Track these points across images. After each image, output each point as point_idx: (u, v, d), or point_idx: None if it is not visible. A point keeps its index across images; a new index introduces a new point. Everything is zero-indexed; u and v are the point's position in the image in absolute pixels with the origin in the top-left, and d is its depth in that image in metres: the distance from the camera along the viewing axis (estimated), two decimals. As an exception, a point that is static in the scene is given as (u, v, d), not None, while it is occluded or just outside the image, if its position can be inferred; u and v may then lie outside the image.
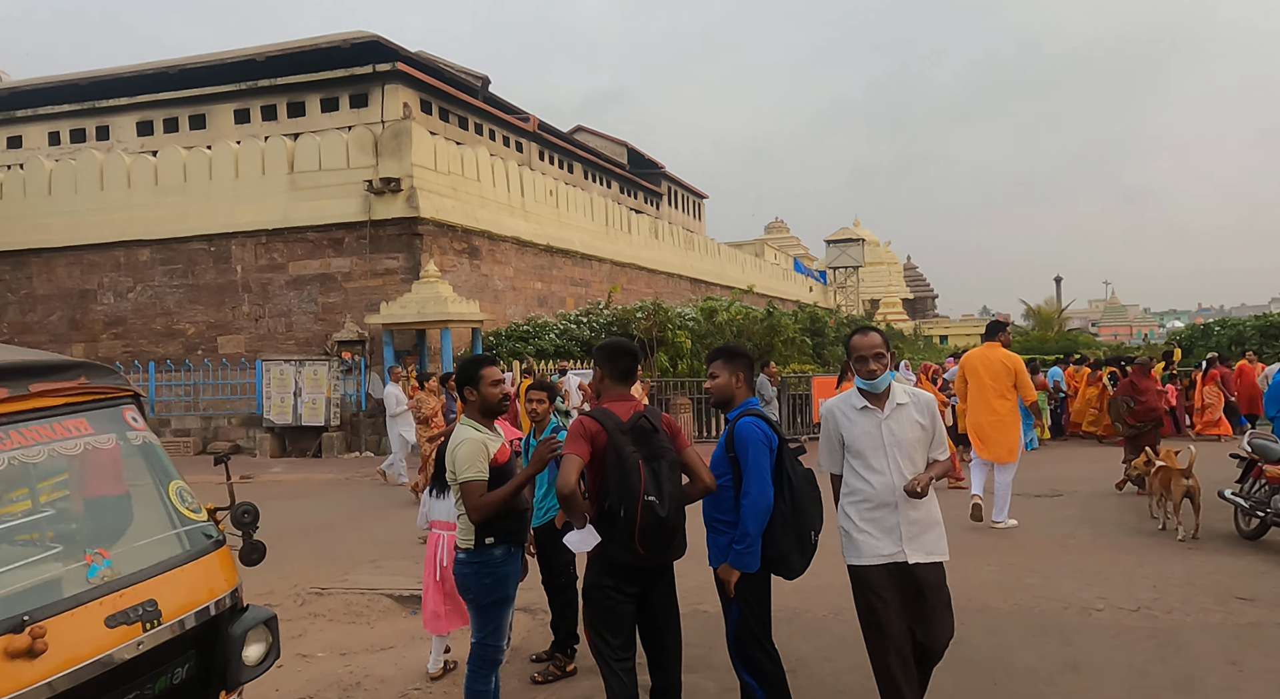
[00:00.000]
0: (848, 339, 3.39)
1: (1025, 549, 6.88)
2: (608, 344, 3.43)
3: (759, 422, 3.32)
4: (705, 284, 32.39)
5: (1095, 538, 7.21)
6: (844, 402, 3.39)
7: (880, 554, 3.23)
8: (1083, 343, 42.39)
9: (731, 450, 3.32)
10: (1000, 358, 7.55)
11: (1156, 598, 5.50)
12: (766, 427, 3.32)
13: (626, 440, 3.11)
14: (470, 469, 3.30)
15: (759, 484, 3.23)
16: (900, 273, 74.12)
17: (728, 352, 3.50)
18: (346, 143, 16.88)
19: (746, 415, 3.35)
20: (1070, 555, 6.63)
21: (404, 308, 15.09)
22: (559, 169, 32.93)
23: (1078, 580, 5.90)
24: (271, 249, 17.17)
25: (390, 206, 16.47)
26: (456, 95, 25.92)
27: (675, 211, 45.38)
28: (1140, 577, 5.97)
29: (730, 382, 3.45)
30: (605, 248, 25.12)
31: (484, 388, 3.49)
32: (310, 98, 23.60)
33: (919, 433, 3.29)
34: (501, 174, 20.20)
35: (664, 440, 3.21)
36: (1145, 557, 6.51)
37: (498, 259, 19.56)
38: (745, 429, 3.29)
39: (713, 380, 3.48)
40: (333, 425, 14.66)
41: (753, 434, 3.27)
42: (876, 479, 3.25)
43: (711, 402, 3.56)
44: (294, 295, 17.10)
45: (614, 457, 3.09)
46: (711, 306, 21.27)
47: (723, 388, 3.46)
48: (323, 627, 5.45)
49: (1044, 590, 5.69)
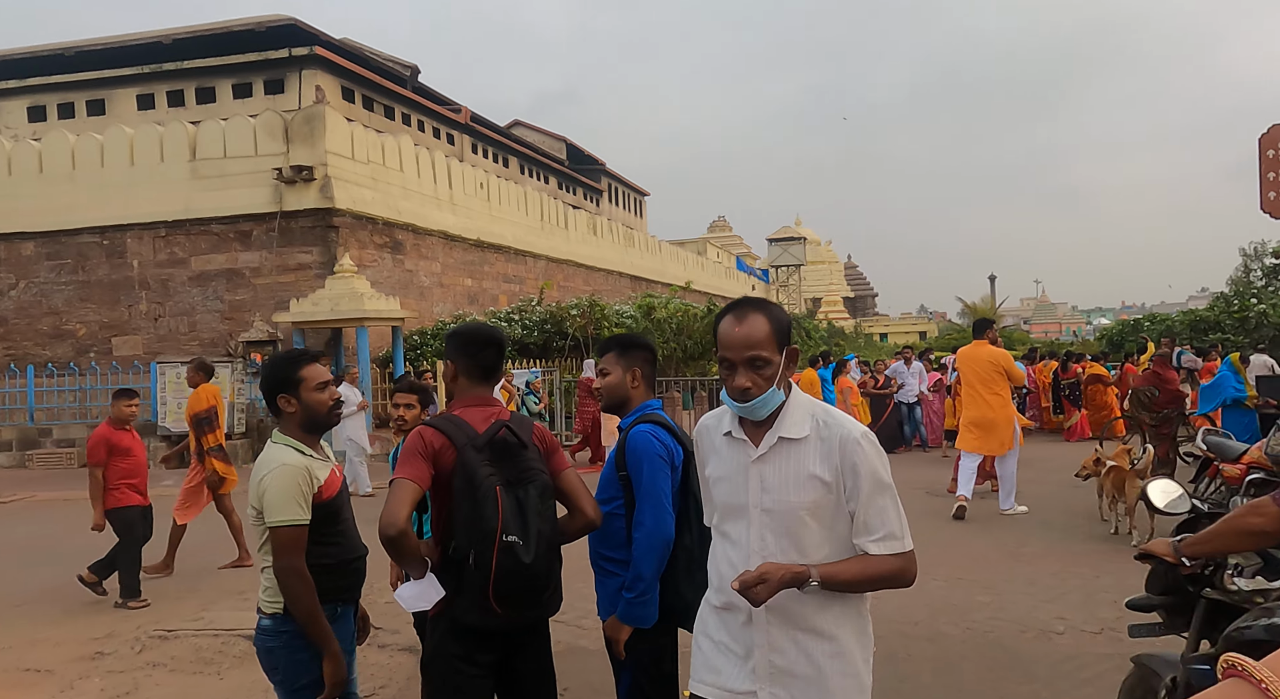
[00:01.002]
0: (717, 320, 1.98)
1: (975, 560, 6.33)
2: (463, 330, 2.65)
3: (657, 430, 2.59)
4: (646, 282, 31.71)
5: (1048, 546, 6.71)
6: (716, 419, 2.05)
7: (721, 687, 1.93)
8: (1017, 339, 43.08)
9: (623, 468, 2.58)
10: (987, 354, 7.70)
11: (1119, 617, 4.94)
12: (668, 436, 2.60)
13: (481, 460, 2.35)
14: (284, 510, 2.47)
15: (655, 512, 2.50)
16: (841, 272, 74.79)
17: (622, 342, 2.77)
18: (254, 128, 15.68)
19: (643, 422, 2.61)
20: (1023, 566, 6.10)
21: (316, 305, 14.01)
22: (494, 163, 31.89)
23: (1033, 597, 5.34)
24: (172, 242, 15.86)
25: (302, 197, 15.34)
26: (382, 83, 24.72)
27: (616, 208, 44.68)
28: (1099, 591, 5.45)
29: (624, 379, 2.71)
30: (540, 244, 24.24)
31: (306, 394, 2.66)
32: (221, 83, 22.15)
33: (814, 494, 1.85)
34: (427, 165, 19.17)
35: (534, 459, 2.45)
36: (1102, 566, 6.01)
37: (424, 254, 18.53)
38: (638, 440, 2.56)
39: (603, 378, 2.74)
40: (237, 433, 13.50)
41: (647, 447, 2.54)
42: (731, 556, 1.95)
43: (602, 404, 2.82)
44: (197, 292, 15.83)
45: (463, 482, 2.33)
46: (649, 303, 20.59)
47: (615, 387, 2.72)
48: (161, 679, 4.53)
49: (998, 610, 5.11)
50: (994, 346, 7.88)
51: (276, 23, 22.37)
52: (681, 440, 2.66)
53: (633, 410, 2.71)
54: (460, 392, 2.58)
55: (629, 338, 2.79)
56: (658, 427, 2.61)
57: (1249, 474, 6.00)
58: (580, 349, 18.28)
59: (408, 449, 2.37)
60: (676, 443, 2.62)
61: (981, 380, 7.66)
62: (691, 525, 2.57)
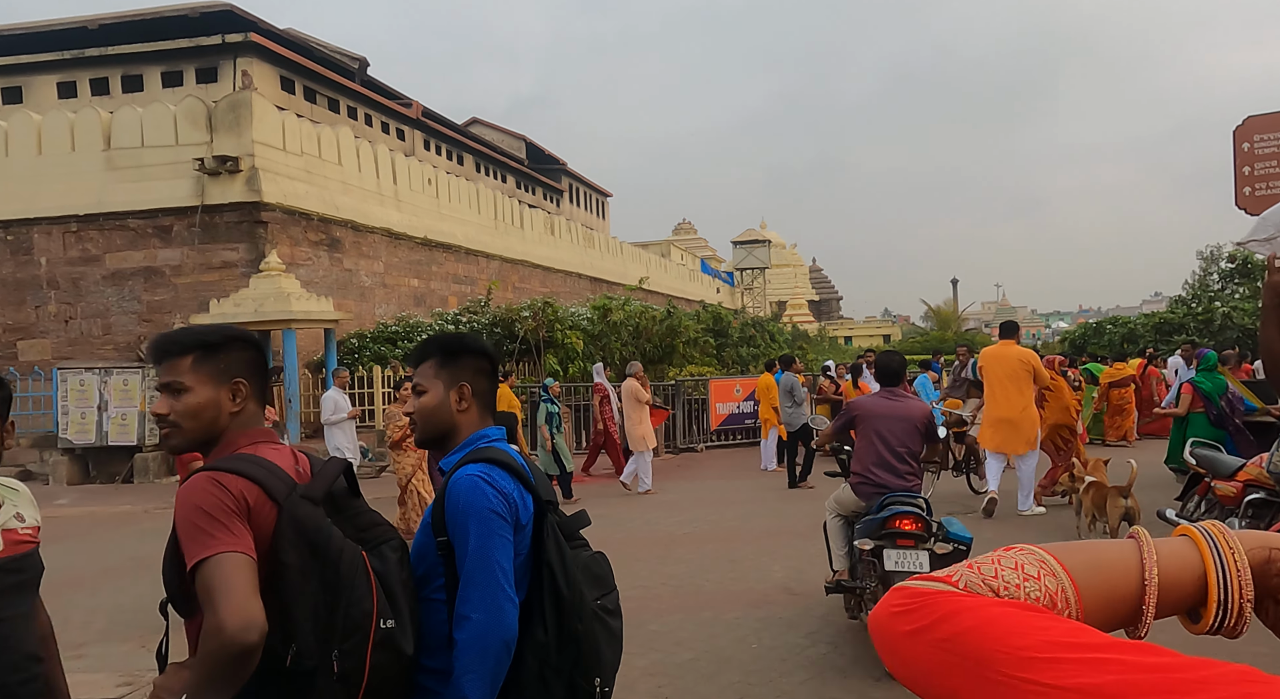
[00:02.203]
0: None
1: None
2: (247, 336, 1.82)
3: (494, 473, 1.77)
4: (607, 283, 30.86)
5: (1023, 571, 6.00)
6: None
7: None
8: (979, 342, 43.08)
9: (442, 531, 1.75)
10: (1016, 354, 7.83)
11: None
12: (509, 481, 1.78)
13: (319, 516, 1.60)
14: None
15: (487, 599, 1.68)
16: (806, 275, 74.66)
17: (445, 347, 1.93)
18: (174, 116, 14.58)
19: (472, 462, 1.79)
20: (997, 599, 5.37)
21: (239, 306, 12.96)
22: (448, 160, 30.83)
23: (1012, 640, 4.61)
24: (84, 238, 14.67)
25: (227, 189, 14.27)
26: (325, 75, 23.58)
27: (577, 209, 43.80)
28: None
29: (447, 399, 1.88)
30: (494, 243, 23.30)
31: None
32: (149, 71, 20.85)
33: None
34: (369, 158, 18.15)
35: (368, 508, 1.77)
36: (1085, 597, 5.31)
37: (364, 252, 17.51)
38: (463, 491, 1.74)
39: (417, 398, 1.91)
40: (149, 445, 12.39)
41: (475, 499, 1.72)
42: None
43: (416, 437, 1.97)
44: (112, 292, 14.65)
45: (305, 551, 1.56)
46: (606, 305, 19.76)
47: (433, 412, 1.88)
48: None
49: (972, 659, 4.36)
50: (1021, 347, 8.10)
51: (212, 9, 21.16)
52: (534, 485, 1.84)
53: (460, 444, 1.88)
54: (246, 422, 1.74)
55: (454, 340, 1.95)
56: (495, 467, 1.78)
57: (1246, 493, 5.35)
58: (532, 353, 17.41)
59: (207, 508, 1.52)
60: (524, 490, 1.81)
61: (1009, 379, 7.73)
62: (546, 614, 1.76)
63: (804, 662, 4.41)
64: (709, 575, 6.22)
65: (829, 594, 4.88)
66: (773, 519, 8.26)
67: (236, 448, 1.69)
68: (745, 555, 6.76)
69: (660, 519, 8.54)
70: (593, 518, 2.07)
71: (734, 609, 5.36)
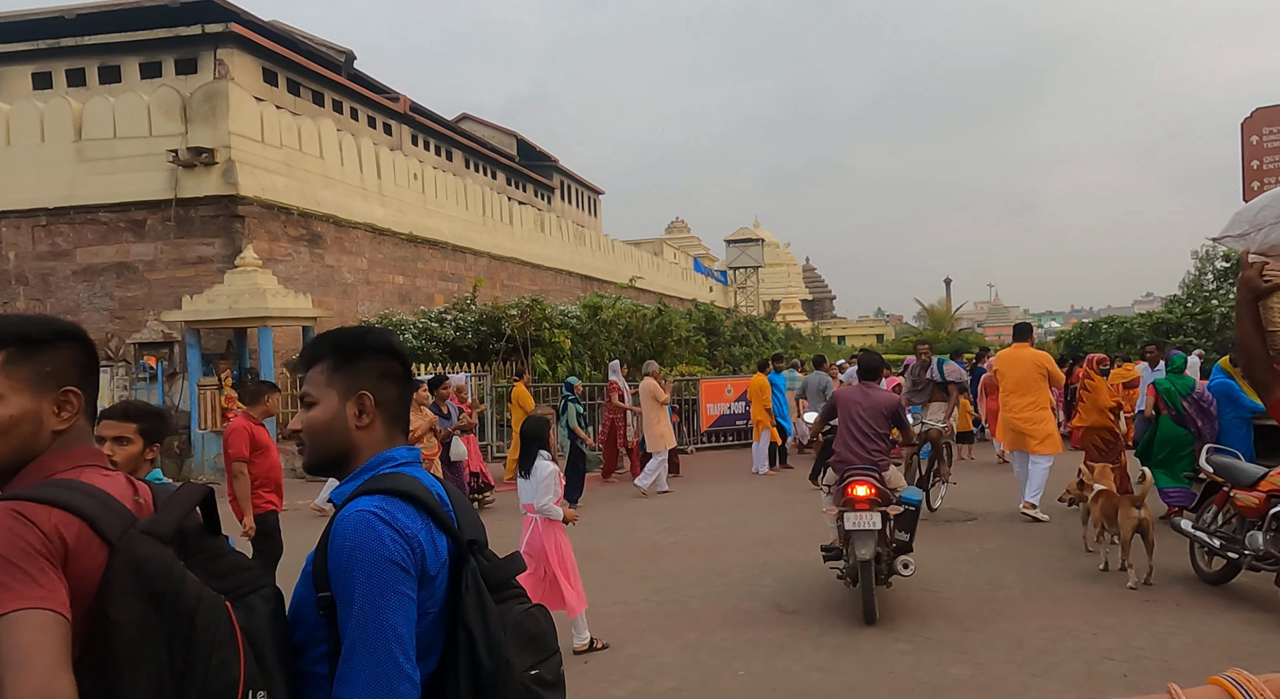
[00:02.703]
0: None
1: (942, 608, 5.22)
2: (76, 332, 1.43)
3: (394, 508, 1.37)
4: (598, 281, 30.42)
5: (1027, 588, 5.63)
6: None
7: None
8: (973, 341, 42.85)
9: (325, 586, 1.35)
10: (1030, 356, 7.87)
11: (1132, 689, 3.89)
12: (414, 519, 1.38)
13: (167, 558, 1.23)
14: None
15: (374, 676, 1.28)
16: (800, 274, 74.36)
17: (339, 346, 1.52)
18: (148, 106, 14.10)
19: (368, 493, 1.39)
20: (1002, 618, 5.00)
21: (212, 302, 12.50)
22: (436, 156, 30.35)
23: (1021, 666, 4.23)
24: (54, 232, 14.18)
25: (202, 182, 13.80)
26: (310, 67, 23.09)
27: (569, 206, 43.35)
28: (1101, 655, 4.36)
29: (342, 413, 1.48)
30: (482, 240, 22.85)
31: None
32: (127, 62, 20.32)
33: None
34: (352, 152, 17.69)
35: (231, 549, 1.40)
36: (1096, 617, 4.94)
37: (347, 248, 17.06)
38: (351, 532, 1.33)
39: (307, 410, 1.50)
40: (117, 447, 11.92)
41: (366, 545, 1.32)
42: None
43: (305, 461, 1.57)
44: (83, 289, 14.18)
45: (141, 606, 1.18)
46: (596, 303, 19.35)
47: (324, 427, 1.48)
48: None
49: (979, 687, 3.98)
50: (1035, 349, 8.03)
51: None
52: (450, 522, 1.44)
53: (359, 468, 1.48)
54: (72, 439, 1.34)
55: (352, 338, 1.54)
56: (396, 501, 1.38)
57: (1271, 505, 4.99)
58: (519, 351, 16.99)
59: (1, 550, 1.12)
60: (435, 530, 1.41)
61: (1025, 382, 7.76)
62: (462, 691, 1.36)
63: (796, 691, 4.02)
64: (694, 590, 5.83)
65: (826, 562, 5.54)
66: (764, 527, 7.87)
67: (52, 473, 1.29)
68: (734, 567, 6.38)
69: (645, 526, 8.14)
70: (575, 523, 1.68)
71: (720, 629, 4.97)
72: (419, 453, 1.54)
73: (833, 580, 5.82)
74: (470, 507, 1.58)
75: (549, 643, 1.51)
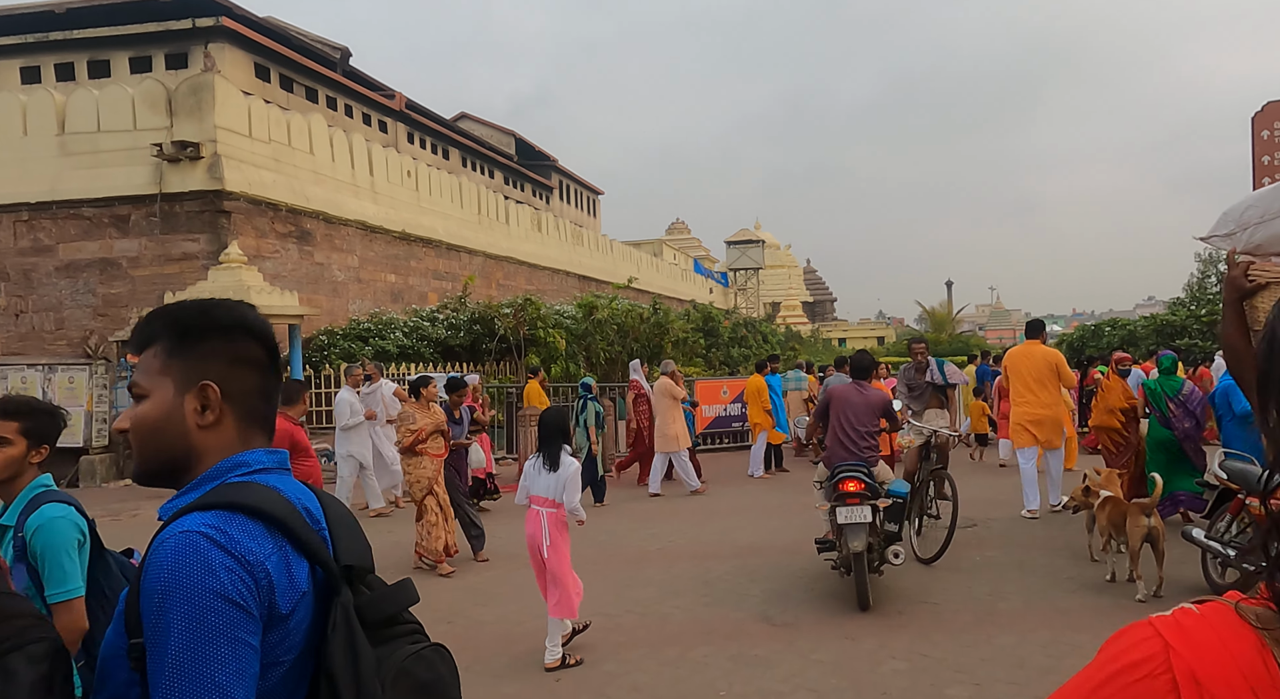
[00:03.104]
0: None
1: (940, 622, 4.92)
2: None
3: (232, 525, 1.06)
4: (596, 282, 30.13)
5: (1028, 600, 5.33)
6: None
7: None
8: (974, 344, 42.58)
9: (138, 631, 1.04)
10: (1042, 353, 7.82)
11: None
12: (266, 540, 1.08)
13: None
14: None
15: None
16: (800, 276, 74.07)
17: (177, 324, 1.20)
18: (132, 99, 13.83)
19: (202, 509, 1.08)
20: (1003, 634, 4.69)
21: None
22: (432, 154, 30.07)
23: (1025, 688, 3.93)
24: (36, 227, 13.90)
25: (187, 177, 13.53)
26: (303, 63, 22.82)
27: (567, 206, 43.07)
28: (1110, 673, 4.04)
29: (180, 408, 1.17)
30: (477, 239, 22.56)
31: None
32: (116, 56, 20.05)
33: None
34: (344, 148, 17.41)
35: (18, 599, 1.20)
36: (1103, 633, 4.47)
37: (337, 246, 16.77)
38: (168, 560, 1.02)
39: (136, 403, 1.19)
40: (96, 446, 11.63)
41: (187, 575, 1.01)
42: None
43: (134, 469, 1.26)
44: (66, 285, 13.89)
45: None
46: (591, 303, 19.05)
47: (155, 426, 1.17)
48: None
49: (980, 713, 3.68)
50: (1046, 347, 8.01)
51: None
52: (317, 546, 1.14)
53: (199, 477, 1.18)
54: None
55: (195, 313, 1.22)
56: (238, 517, 1.07)
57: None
58: (512, 352, 16.70)
59: None
60: (292, 554, 1.10)
61: (1036, 379, 7.73)
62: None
63: (780, 715, 3.72)
64: (679, 600, 5.52)
65: (820, 554, 5.68)
66: (756, 533, 7.56)
67: None
68: (722, 575, 6.07)
69: (632, 531, 7.84)
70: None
71: (703, 643, 4.66)
72: (285, 457, 1.24)
73: (826, 590, 5.59)
74: (353, 523, 1.28)
75: (448, 693, 1.21)
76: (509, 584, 6.11)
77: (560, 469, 4.53)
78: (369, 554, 1.26)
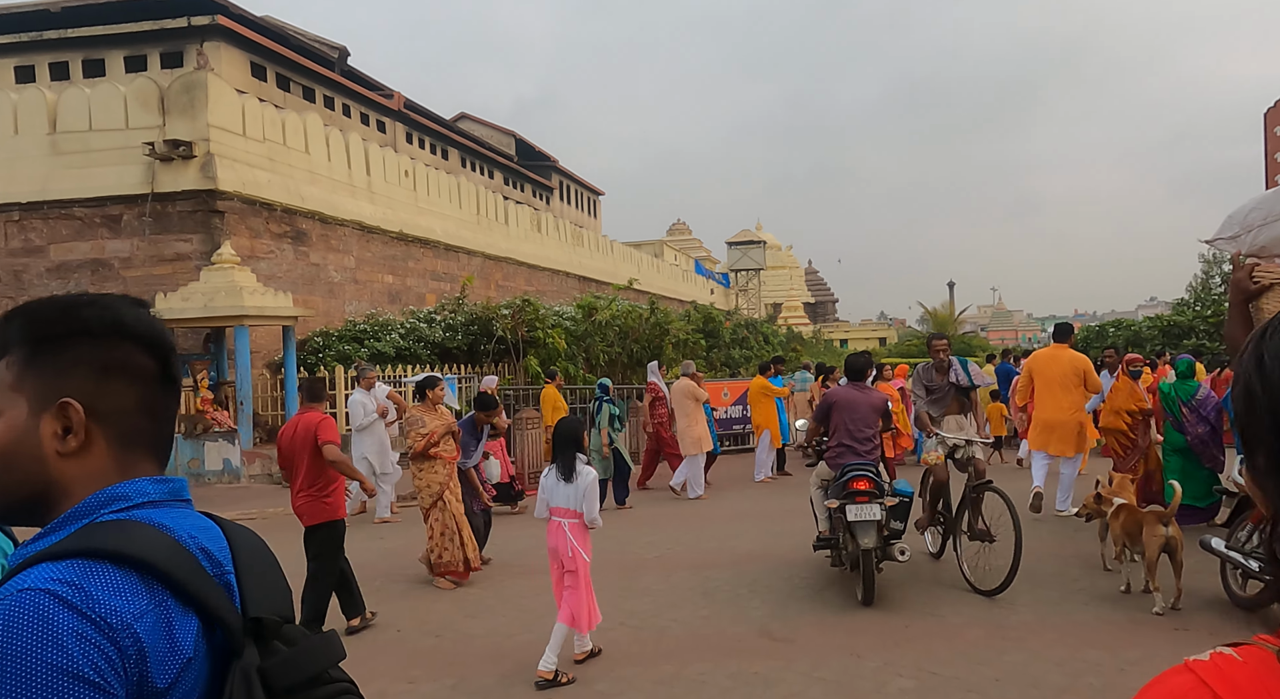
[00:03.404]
0: None
1: (950, 637, 4.71)
2: None
3: (91, 580, 0.85)
4: (596, 282, 29.92)
5: (1041, 613, 5.11)
6: None
7: None
8: (976, 345, 42.39)
9: None
10: (1069, 357, 7.65)
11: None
12: (141, 596, 0.86)
13: None
14: None
15: None
16: (802, 277, 73.83)
17: (33, 328, 0.97)
18: (124, 97, 13.65)
19: (56, 557, 0.87)
20: (1015, 649, 4.48)
21: (187, 300, 12.01)
22: (431, 155, 29.89)
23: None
24: (27, 228, 13.73)
25: (180, 176, 13.35)
26: (300, 62, 22.64)
27: (567, 207, 42.89)
28: (1125, 694, 3.84)
29: (34, 432, 0.95)
30: (476, 239, 22.37)
31: None
32: (111, 55, 19.88)
33: None
34: (340, 147, 17.23)
35: None
36: (1120, 649, 4.42)
37: (333, 246, 16.58)
38: (4, 627, 0.81)
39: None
40: (86, 450, 11.44)
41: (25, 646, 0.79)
42: None
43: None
44: (57, 286, 13.68)
45: None
46: (591, 304, 18.86)
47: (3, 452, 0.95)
48: None
49: (993, 738, 3.47)
50: (1074, 352, 7.80)
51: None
52: (213, 597, 0.94)
53: (64, 515, 0.96)
54: None
55: (56, 314, 0.99)
56: (101, 568, 0.86)
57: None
58: (511, 353, 16.51)
59: None
60: (176, 611, 0.89)
61: (1060, 383, 7.57)
62: None
63: (781, 739, 3.51)
64: (676, 612, 5.32)
65: (816, 550, 5.83)
66: (758, 540, 7.35)
67: None
68: (721, 585, 5.87)
69: (630, 539, 7.62)
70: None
71: (700, 659, 4.46)
72: (180, 486, 1.03)
73: (829, 600, 5.42)
74: (269, 561, 1.07)
75: None
76: (502, 595, 5.91)
77: (578, 479, 4.46)
78: (288, 600, 1.05)
